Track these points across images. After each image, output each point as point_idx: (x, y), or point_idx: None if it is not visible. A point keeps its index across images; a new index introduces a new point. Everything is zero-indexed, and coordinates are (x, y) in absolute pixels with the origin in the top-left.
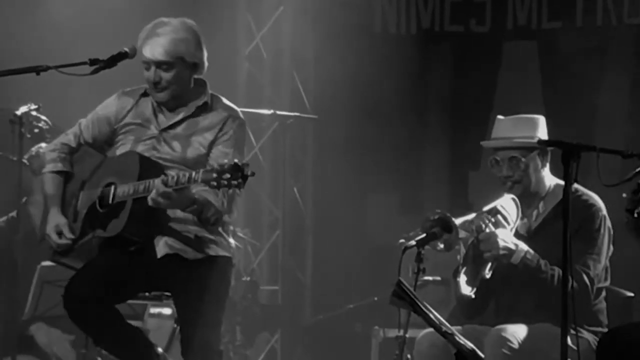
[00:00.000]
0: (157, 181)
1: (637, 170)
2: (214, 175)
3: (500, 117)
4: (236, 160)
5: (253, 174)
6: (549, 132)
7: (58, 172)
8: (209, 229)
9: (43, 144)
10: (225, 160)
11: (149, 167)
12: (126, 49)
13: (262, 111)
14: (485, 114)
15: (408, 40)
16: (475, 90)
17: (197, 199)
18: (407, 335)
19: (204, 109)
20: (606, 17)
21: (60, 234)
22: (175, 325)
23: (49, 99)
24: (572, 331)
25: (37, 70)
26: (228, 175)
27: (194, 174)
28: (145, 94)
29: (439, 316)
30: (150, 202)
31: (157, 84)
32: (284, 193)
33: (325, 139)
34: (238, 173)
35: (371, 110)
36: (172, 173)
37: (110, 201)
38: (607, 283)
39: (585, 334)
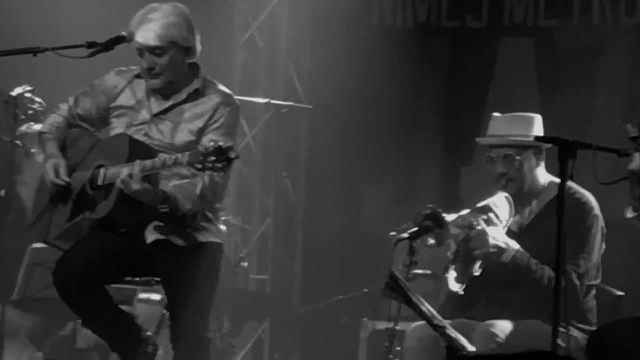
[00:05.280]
0: (137, 162)
1: None
2: (200, 157)
3: (496, 114)
4: (221, 143)
5: (238, 157)
6: (545, 130)
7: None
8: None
9: (33, 124)
10: (212, 143)
11: (138, 150)
12: (124, 33)
13: (257, 100)
14: (480, 110)
15: (404, 33)
16: (470, 86)
17: (169, 196)
18: (397, 328)
19: (196, 95)
20: (603, 16)
21: (57, 173)
22: (165, 312)
23: (45, 81)
24: (563, 329)
25: (35, 51)
26: (213, 158)
27: (180, 156)
28: (139, 76)
29: (431, 309)
30: (119, 184)
31: (151, 70)
32: (275, 182)
33: (319, 129)
34: (222, 156)
35: (365, 102)
36: (163, 156)
37: (100, 183)
38: (598, 281)
39: (575, 332)
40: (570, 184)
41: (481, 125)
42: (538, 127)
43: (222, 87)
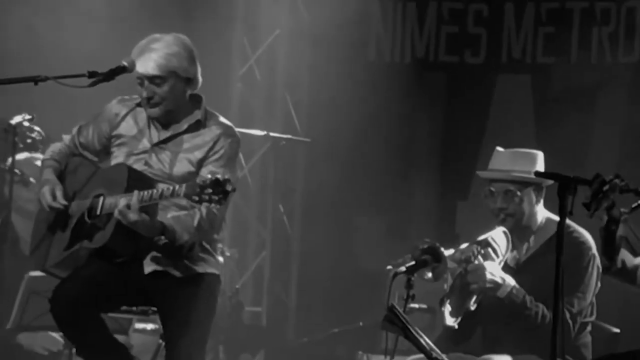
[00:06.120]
0: (134, 193)
1: (633, 206)
2: (197, 189)
3: (499, 148)
4: (218, 176)
5: (234, 190)
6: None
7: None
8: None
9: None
10: (209, 175)
11: (137, 180)
12: (125, 63)
13: (256, 132)
14: (477, 144)
15: (402, 68)
16: (467, 121)
17: (167, 227)
18: None
19: (197, 126)
20: (601, 55)
21: (54, 196)
22: (160, 341)
23: (44, 110)
24: None
25: (36, 80)
26: (210, 190)
27: (177, 187)
28: (140, 104)
29: (430, 342)
30: (116, 215)
31: (150, 99)
32: (271, 215)
33: (316, 162)
34: (219, 188)
35: (363, 135)
36: (161, 186)
37: (98, 212)
38: (593, 318)
39: None
40: (568, 222)
41: (478, 159)
42: (540, 164)
43: (222, 119)
